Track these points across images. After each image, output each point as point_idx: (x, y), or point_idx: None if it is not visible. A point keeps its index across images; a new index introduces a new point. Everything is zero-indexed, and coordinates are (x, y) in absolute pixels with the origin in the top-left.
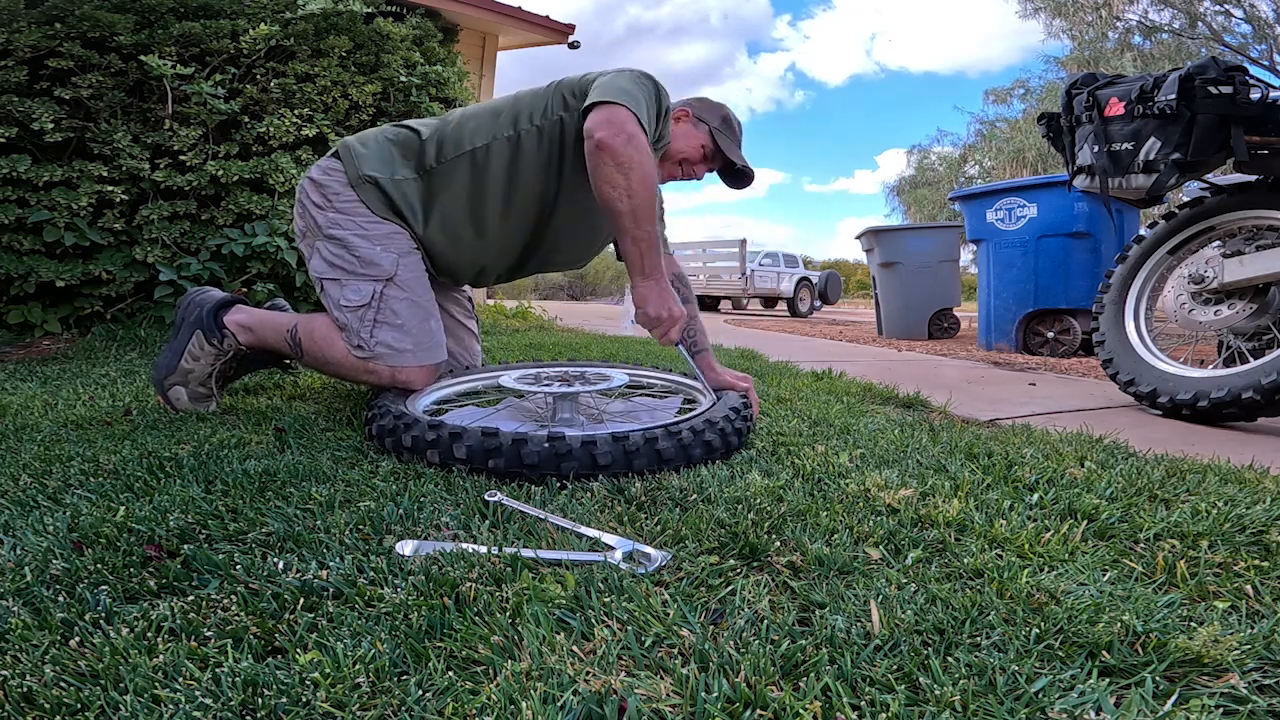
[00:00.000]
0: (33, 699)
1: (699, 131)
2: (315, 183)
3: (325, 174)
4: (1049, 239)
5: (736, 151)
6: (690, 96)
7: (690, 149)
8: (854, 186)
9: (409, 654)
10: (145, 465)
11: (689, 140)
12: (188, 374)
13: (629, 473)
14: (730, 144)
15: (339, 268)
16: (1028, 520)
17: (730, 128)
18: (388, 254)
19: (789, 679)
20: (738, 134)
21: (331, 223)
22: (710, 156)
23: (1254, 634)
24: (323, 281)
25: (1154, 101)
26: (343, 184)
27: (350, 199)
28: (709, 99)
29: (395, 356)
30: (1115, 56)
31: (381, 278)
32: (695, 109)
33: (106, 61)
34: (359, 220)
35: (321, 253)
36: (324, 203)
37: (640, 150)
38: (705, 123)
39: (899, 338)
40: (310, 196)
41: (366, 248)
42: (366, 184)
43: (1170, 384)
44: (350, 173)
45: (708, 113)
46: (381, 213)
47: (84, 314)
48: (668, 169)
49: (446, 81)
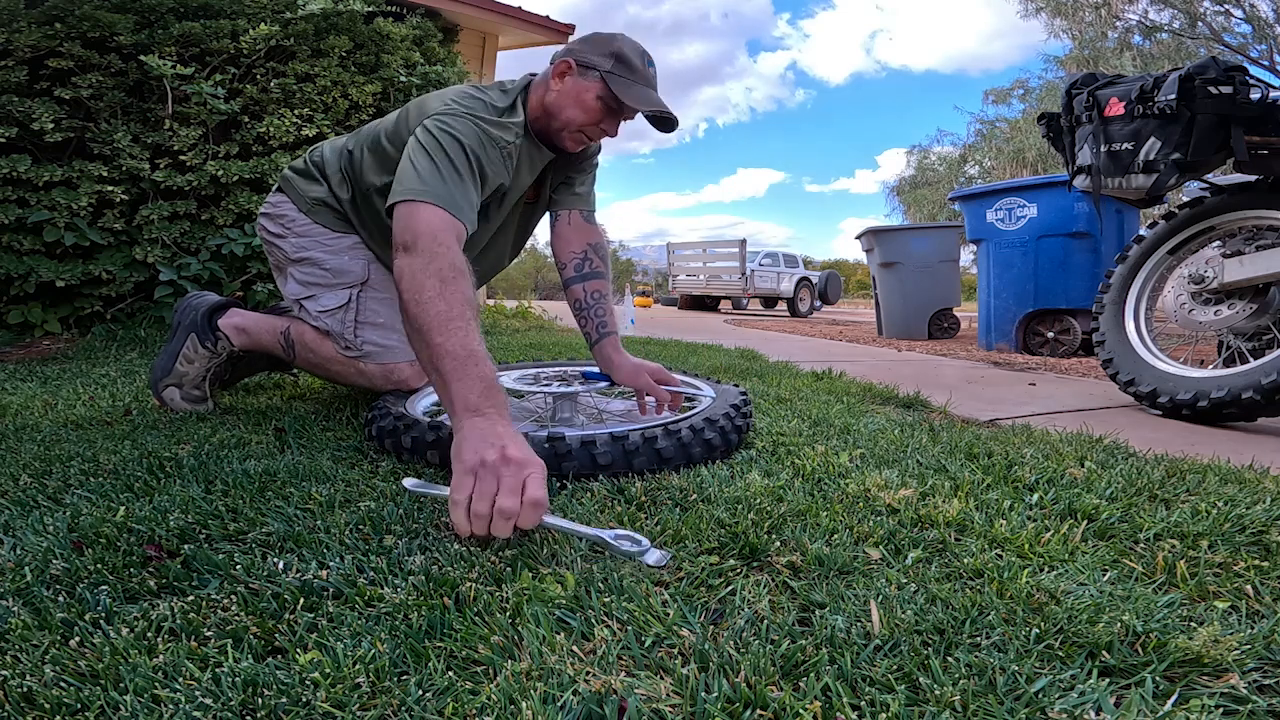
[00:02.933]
0: (33, 699)
1: (589, 82)
2: (269, 216)
3: (275, 206)
4: (1049, 239)
5: (643, 94)
6: (575, 38)
7: (584, 108)
8: (854, 186)
9: (409, 654)
10: (145, 465)
11: (580, 96)
12: (182, 376)
13: (629, 472)
14: (632, 87)
15: (313, 284)
16: (1028, 520)
17: (627, 65)
18: (356, 261)
19: (789, 679)
20: (642, 69)
21: (297, 248)
22: (615, 107)
23: (1254, 634)
24: (300, 302)
25: (1154, 101)
26: (296, 211)
27: (306, 223)
28: (597, 34)
29: (384, 353)
30: (1115, 56)
31: (355, 283)
32: (579, 54)
33: (106, 61)
34: (321, 239)
35: (295, 277)
36: (284, 231)
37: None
38: (594, 69)
39: (899, 338)
40: (270, 230)
41: (334, 260)
42: (318, 207)
43: (1170, 384)
44: (299, 202)
45: (595, 55)
46: (340, 228)
47: (84, 314)
48: (569, 136)
49: (446, 81)
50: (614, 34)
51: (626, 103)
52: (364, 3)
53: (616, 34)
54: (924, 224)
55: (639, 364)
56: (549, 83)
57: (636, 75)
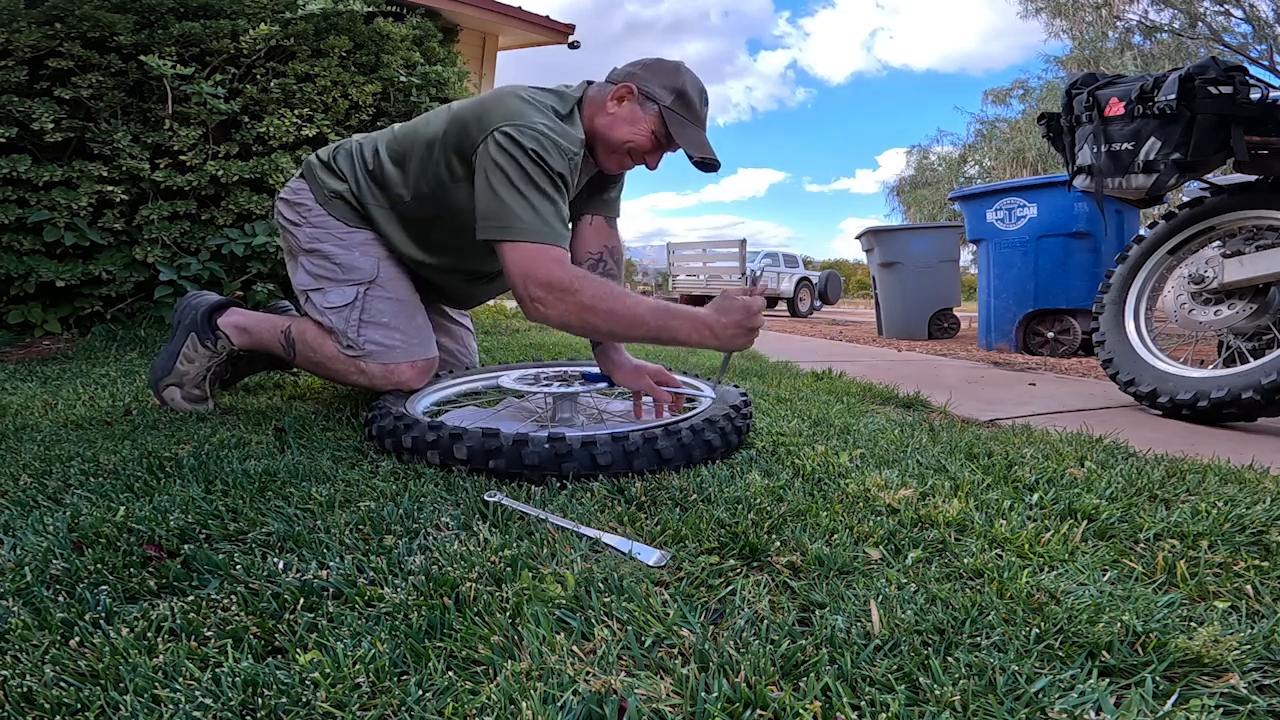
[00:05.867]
0: (33, 699)
1: (647, 114)
2: (287, 202)
3: (295, 193)
4: (1049, 239)
5: (695, 137)
6: (638, 62)
7: (637, 136)
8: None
9: (409, 654)
10: (145, 465)
11: (635, 126)
12: (183, 376)
13: (629, 473)
14: (686, 127)
15: (322, 277)
16: (1028, 520)
17: (686, 104)
18: (367, 258)
19: (789, 679)
20: (698, 109)
21: (310, 238)
22: (664, 142)
23: (1254, 634)
24: (307, 293)
25: (1154, 101)
26: (313, 200)
27: (321, 214)
28: (662, 62)
29: (386, 353)
30: (1115, 56)
31: (363, 280)
32: (641, 82)
33: (106, 61)
34: (334, 232)
35: (305, 267)
36: (299, 219)
37: (575, 299)
38: (654, 101)
39: (899, 338)
40: (285, 216)
41: (345, 255)
42: (334, 200)
43: (1170, 384)
44: (317, 193)
45: (657, 86)
46: (355, 223)
47: (84, 314)
48: (615, 160)
49: (446, 81)
50: (678, 65)
51: (680, 144)
52: (364, 3)
53: (680, 66)
54: (924, 224)
55: (639, 365)
56: (606, 104)
57: (694, 116)
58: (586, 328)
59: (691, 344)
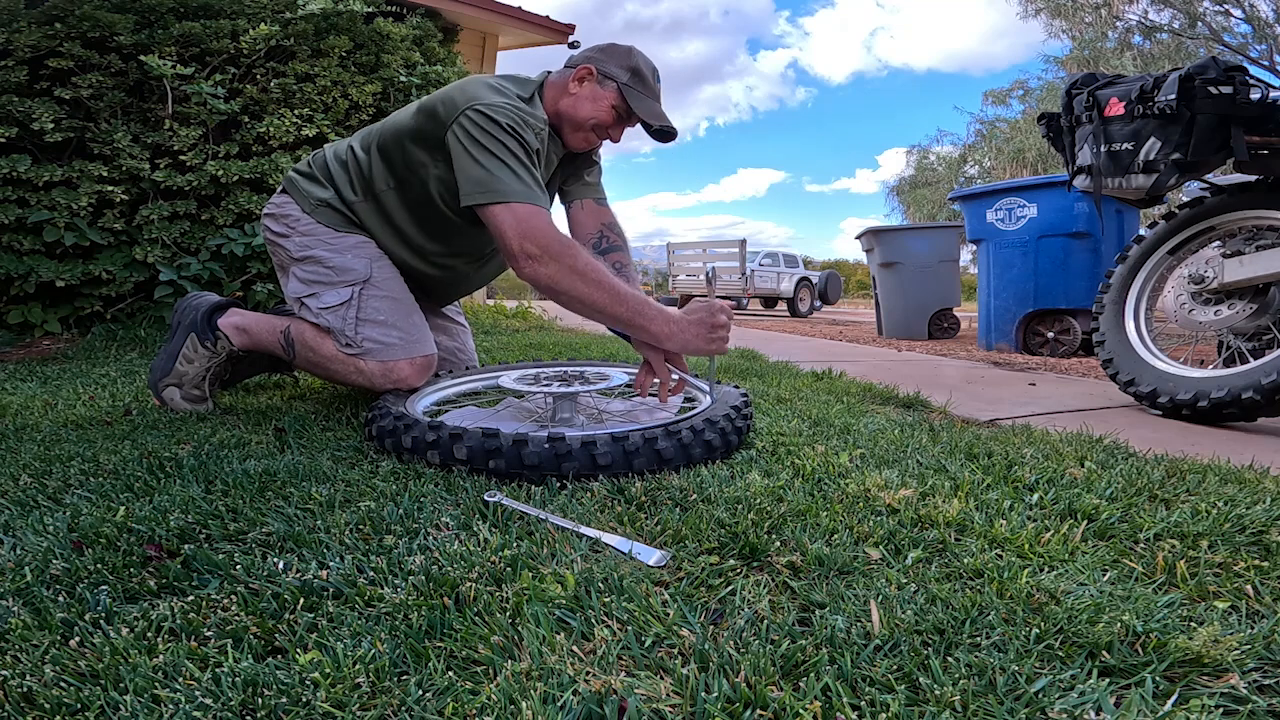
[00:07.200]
0: (33, 699)
1: (606, 90)
2: (273, 216)
3: (279, 207)
4: (1049, 239)
5: (652, 108)
6: (593, 47)
7: (599, 112)
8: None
9: (409, 654)
10: (145, 465)
11: (596, 102)
12: (182, 376)
13: (629, 473)
14: (643, 100)
15: (315, 282)
16: (1028, 520)
17: (641, 80)
18: (359, 260)
19: (789, 679)
20: (652, 84)
21: (300, 246)
22: (624, 116)
23: (1254, 634)
24: (301, 300)
25: (1154, 101)
26: (299, 211)
27: (310, 222)
28: (615, 45)
29: (384, 351)
30: (1115, 56)
31: (358, 281)
32: (599, 63)
33: (106, 61)
34: (324, 238)
35: (297, 275)
36: (287, 230)
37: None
38: (611, 79)
39: (899, 338)
40: (273, 229)
41: (338, 258)
42: (321, 208)
43: (1170, 384)
44: (303, 203)
45: (614, 66)
46: (344, 228)
47: (84, 314)
48: (581, 137)
49: (446, 81)
50: (630, 48)
51: (638, 114)
52: (364, 3)
53: (633, 48)
54: (924, 224)
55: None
56: (568, 85)
57: (649, 90)
58: (572, 293)
59: (660, 336)
